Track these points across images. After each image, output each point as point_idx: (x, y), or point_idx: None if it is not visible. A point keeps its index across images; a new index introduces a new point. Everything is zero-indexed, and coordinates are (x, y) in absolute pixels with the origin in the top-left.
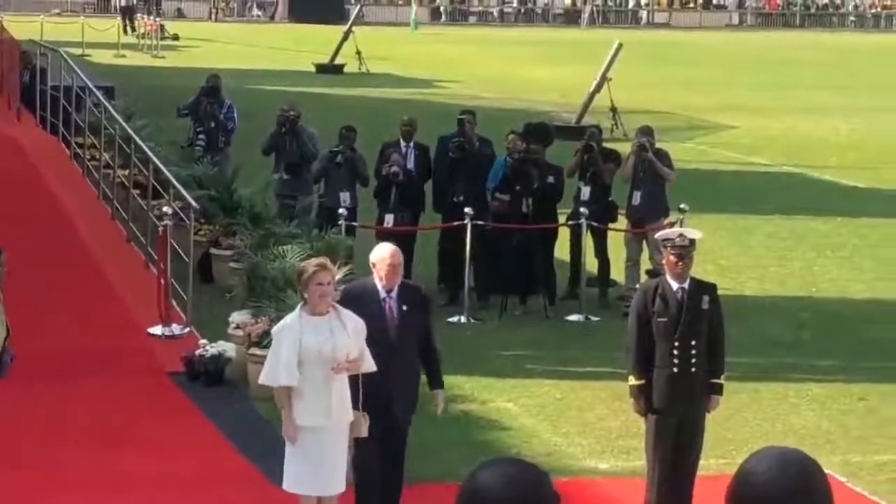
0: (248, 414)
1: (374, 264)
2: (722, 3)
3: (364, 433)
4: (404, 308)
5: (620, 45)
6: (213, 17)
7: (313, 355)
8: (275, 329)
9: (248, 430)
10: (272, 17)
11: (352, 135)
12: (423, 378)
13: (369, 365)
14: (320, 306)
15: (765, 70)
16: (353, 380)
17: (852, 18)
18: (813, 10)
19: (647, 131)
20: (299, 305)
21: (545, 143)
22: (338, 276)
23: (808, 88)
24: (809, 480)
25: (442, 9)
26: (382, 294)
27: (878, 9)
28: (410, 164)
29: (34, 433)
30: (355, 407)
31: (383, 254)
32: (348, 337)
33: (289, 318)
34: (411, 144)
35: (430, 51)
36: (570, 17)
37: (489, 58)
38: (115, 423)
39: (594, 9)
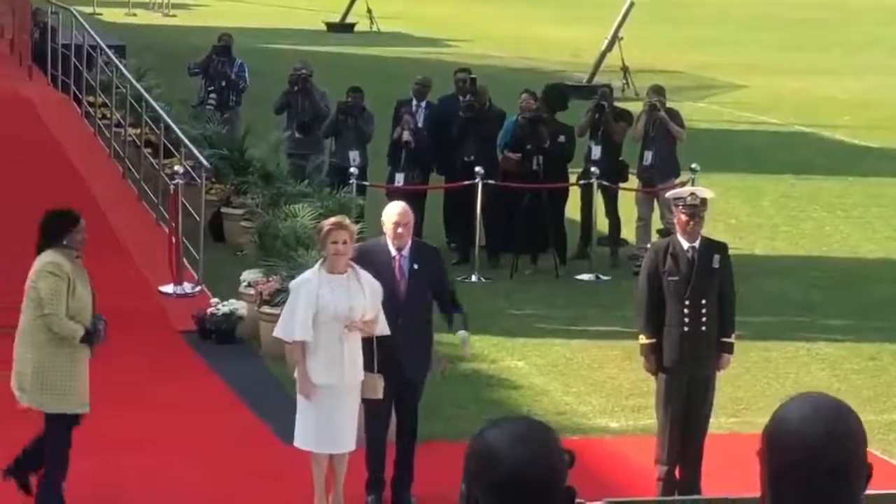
0: (260, 372)
1: (384, 223)
2: None
3: (379, 395)
4: (415, 267)
5: (632, 4)
6: None
7: (329, 313)
8: (293, 283)
9: (260, 389)
10: None
11: (359, 95)
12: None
13: (383, 328)
14: (336, 265)
15: (776, 29)
16: (368, 342)
17: None
18: None
19: (658, 90)
20: (318, 262)
21: (561, 107)
22: None
23: (820, 48)
24: (843, 423)
25: None
26: (393, 253)
27: None
28: (421, 123)
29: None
30: (370, 369)
31: (391, 213)
32: (365, 298)
33: (308, 274)
34: (423, 104)
35: (442, 10)
36: None
37: (501, 17)
38: (128, 382)
39: None
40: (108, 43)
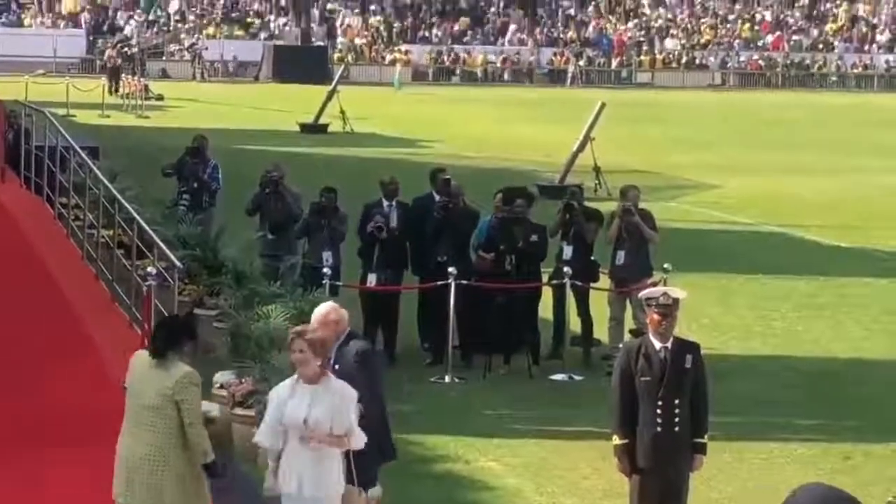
0: (233, 474)
1: None
2: (704, 62)
3: None
4: (336, 368)
5: (603, 105)
6: (200, 76)
7: (291, 422)
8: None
9: (232, 491)
10: (256, 77)
11: (332, 196)
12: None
13: (357, 442)
14: (301, 374)
15: (748, 129)
16: (346, 454)
17: (834, 79)
18: (795, 71)
19: (631, 193)
20: None
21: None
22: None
23: (791, 148)
24: None
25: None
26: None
27: (860, 69)
28: (393, 223)
29: (9, 500)
30: (350, 481)
31: (314, 314)
32: (329, 410)
33: (286, 380)
34: (394, 203)
35: (414, 110)
36: (554, 77)
37: (473, 117)
38: (101, 482)
39: (578, 68)
40: (82, 144)
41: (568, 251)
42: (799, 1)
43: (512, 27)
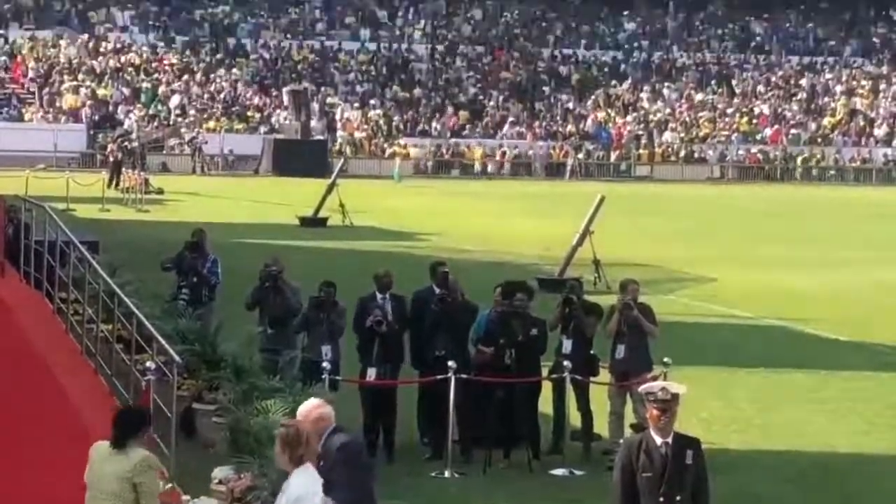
0: None
1: None
2: (703, 156)
3: None
4: (321, 464)
5: (603, 198)
6: (200, 170)
7: None
8: None
9: None
10: (256, 171)
11: (331, 290)
12: None
13: None
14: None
15: (746, 223)
16: None
17: (832, 172)
18: (793, 165)
19: (631, 286)
20: None
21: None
22: None
23: (790, 241)
24: None
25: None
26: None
27: (859, 162)
28: (389, 317)
29: None
30: None
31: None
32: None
33: None
34: (387, 296)
35: (414, 204)
36: (553, 170)
37: (472, 210)
38: None
39: (577, 161)
40: (82, 239)
41: (568, 345)
42: (797, 95)
43: (510, 120)
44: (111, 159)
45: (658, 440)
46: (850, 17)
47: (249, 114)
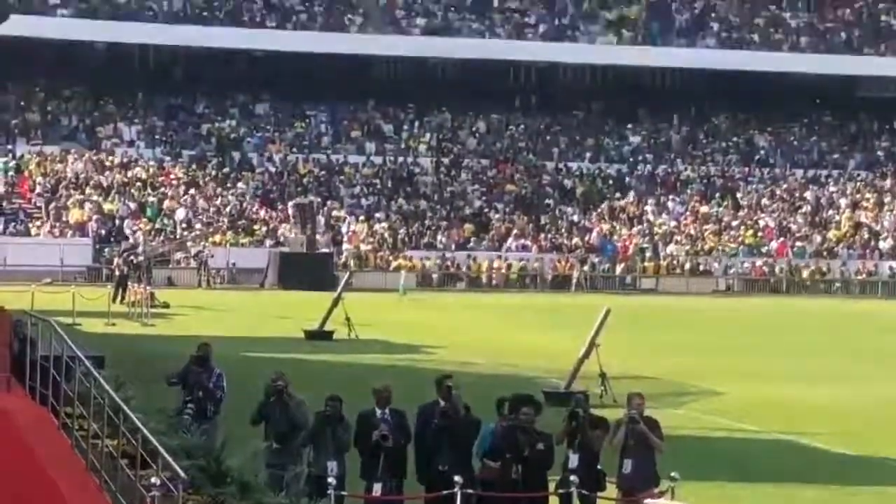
0: None
1: None
2: (708, 268)
3: None
4: None
5: (609, 311)
6: (206, 283)
7: None
8: None
9: None
10: (262, 285)
11: (337, 404)
12: None
13: None
14: None
15: (752, 336)
16: None
17: (838, 285)
18: (798, 278)
19: (636, 400)
20: None
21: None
22: None
23: (796, 354)
24: None
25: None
26: None
27: (864, 275)
28: (391, 431)
29: None
30: None
31: None
32: None
33: None
34: (387, 411)
35: (419, 316)
36: (559, 283)
37: (478, 323)
38: None
39: (582, 274)
40: (87, 354)
41: (574, 459)
42: (802, 208)
43: (515, 233)
44: (117, 273)
45: None
46: (853, 131)
47: (255, 227)
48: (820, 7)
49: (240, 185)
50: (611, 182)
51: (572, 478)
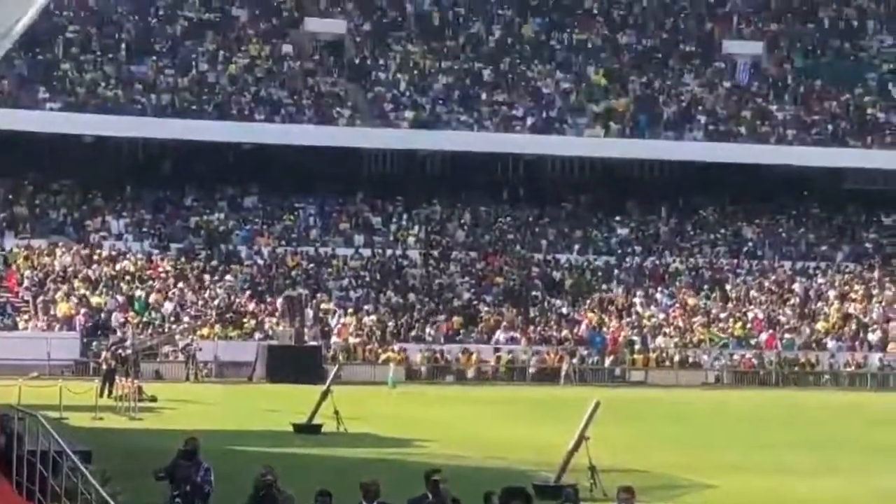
0: None
1: None
2: (697, 361)
3: None
4: None
5: (598, 404)
6: (194, 377)
7: None
8: None
9: None
10: (250, 378)
11: (327, 499)
12: None
13: None
14: None
15: (743, 428)
16: None
17: (827, 377)
18: (788, 369)
19: (623, 495)
20: None
21: None
22: None
23: (786, 447)
24: None
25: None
26: None
27: (853, 367)
28: None
29: None
30: None
31: None
32: None
33: None
34: None
35: (409, 409)
36: (548, 376)
37: (467, 417)
38: None
39: (571, 367)
40: (74, 448)
41: None
42: (790, 300)
43: (504, 325)
44: (104, 367)
45: None
46: (841, 223)
47: (244, 320)
48: (806, 100)
49: (228, 277)
50: (599, 274)
51: None
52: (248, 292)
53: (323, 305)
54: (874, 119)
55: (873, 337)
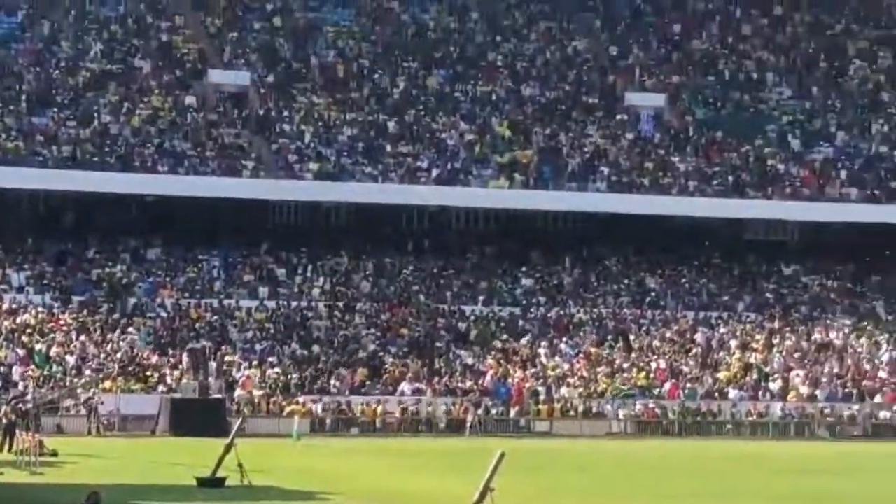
0: None
1: None
2: (601, 411)
3: None
4: None
5: (503, 454)
6: (95, 431)
7: None
8: None
9: None
10: (153, 431)
11: None
12: None
13: None
14: None
15: (647, 478)
16: None
17: (729, 426)
18: (690, 419)
19: None
20: None
21: None
22: None
23: (690, 497)
24: None
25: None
26: None
27: (755, 416)
28: None
29: None
30: None
31: None
32: None
33: None
34: None
35: (313, 462)
36: (454, 427)
37: (372, 469)
38: None
39: (477, 418)
40: None
41: None
42: (693, 350)
43: (409, 377)
44: (4, 422)
45: None
46: (742, 273)
47: (147, 373)
48: (707, 151)
49: (130, 330)
50: (504, 325)
51: None
52: (151, 345)
53: (227, 358)
54: (774, 170)
55: (774, 386)
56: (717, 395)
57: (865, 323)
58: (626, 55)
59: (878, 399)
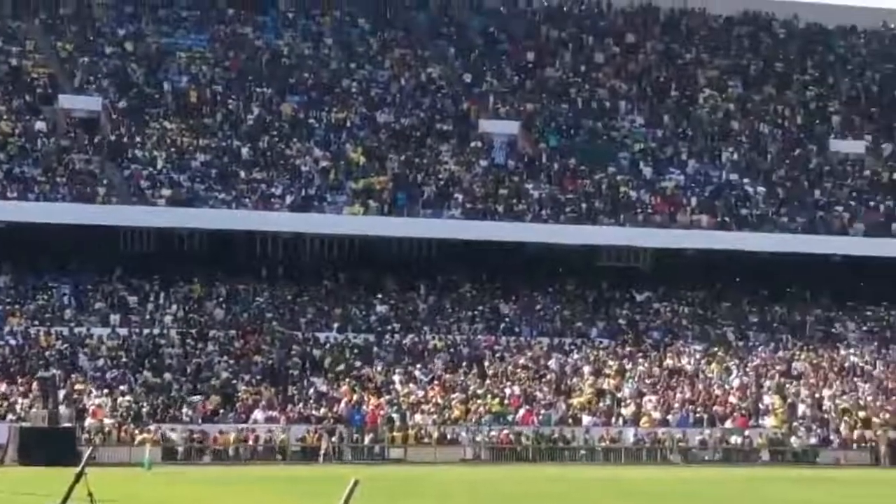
0: None
1: None
2: (455, 437)
3: None
4: None
5: (357, 482)
6: None
7: None
8: None
9: None
10: (1, 461)
11: None
12: None
13: None
14: None
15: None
16: None
17: (583, 452)
18: (544, 445)
19: None
20: None
21: None
22: None
23: None
24: None
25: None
26: None
27: (608, 442)
28: None
29: None
30: None
31: None
32: None
33: None
34: None
35: (165, 492)
36: (308, 454)
37: (225, 497)
38: None
39: (331, 445)
40: None
41: None
42: (546, 376)
43: (263, 404)
44: None
45: None
46: (595, 299)
47: None
48: (561, 178)
49: None
50: (358, 351)
51: None
52: None
53: (77, 386)
54: (626, 197)
55: (627, 412)
56: (570, 420)
57: (716, 349)
58: (480, 82)
59: (728, 424)
